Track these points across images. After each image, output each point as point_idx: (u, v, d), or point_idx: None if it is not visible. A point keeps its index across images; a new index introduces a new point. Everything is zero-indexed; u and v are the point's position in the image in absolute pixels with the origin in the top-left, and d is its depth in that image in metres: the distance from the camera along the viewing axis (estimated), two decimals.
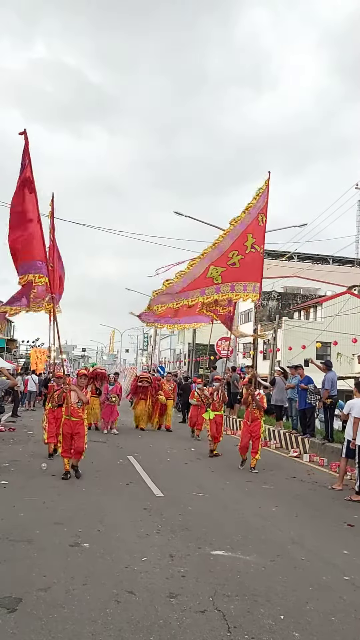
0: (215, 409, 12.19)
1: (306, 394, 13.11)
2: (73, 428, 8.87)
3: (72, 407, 8.96)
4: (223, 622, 3.97)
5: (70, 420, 8.91)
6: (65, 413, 9.06)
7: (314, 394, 13.05)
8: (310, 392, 13.11)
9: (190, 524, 6.50)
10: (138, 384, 17.67)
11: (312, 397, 13.11)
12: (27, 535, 5.78)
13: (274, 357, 28.18)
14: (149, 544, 5.69)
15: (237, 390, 18.01)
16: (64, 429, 8.97)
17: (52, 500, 7.36)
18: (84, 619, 3.91)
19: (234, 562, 5.29)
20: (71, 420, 8.91)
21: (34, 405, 24.84)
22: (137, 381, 17.83)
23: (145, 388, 17.48)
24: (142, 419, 17.36)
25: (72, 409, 8.96)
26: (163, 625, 3.87)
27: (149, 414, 17.48)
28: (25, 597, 4.24)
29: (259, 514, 7.27)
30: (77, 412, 8.99)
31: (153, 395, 17.39)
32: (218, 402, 12.34)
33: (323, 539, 6.26)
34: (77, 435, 8.85)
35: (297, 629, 3.94)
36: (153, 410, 17.50)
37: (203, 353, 45.97)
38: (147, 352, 67.55)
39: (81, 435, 8.89)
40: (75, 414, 8.97)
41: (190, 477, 9.74)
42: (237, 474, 10.20)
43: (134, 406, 17.85)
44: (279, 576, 4.96)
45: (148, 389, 17.47)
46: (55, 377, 11.08)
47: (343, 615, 4.21)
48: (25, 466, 9.84)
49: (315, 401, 13.13)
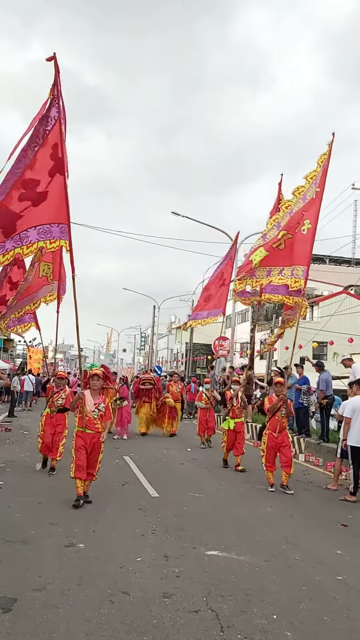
0: (235, 416, 10.60)
1: (299, 394, 13.19)
2: (88, 443, 7.26)
3: (88, 416, 7.26)
4: (216, 622, 4.00)
5: (85, 433, 7.28)
6: (79, 424, 7.32)
7: (307, 394, 13.13)
8: (303, 393, 13.18)
9: (186, 524, 6.53)
10: (140, 387, 16.47)
11: (305, 398, 13.18)
12: (23, 536, 5.80)
13: (270, 357, 28.23)
14: (143, 545, 5.72)
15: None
16: (77, 442, 7.26)
17: (48, 501, 7.39)
18: (78, 619, 3.94)
19: (229, 562, 5.33)
20: (86, 434, 7.27)
21: (30, 406, 24.87)
22: (140, 383, 16.60)
23: (149, 390, 16.29)
24: (145, 423, 16.06)
25: (87, 419, 7.25)
26: (157, 625, 3.90)
27: (154, 418, 16.17)
28: (20, 597, 4.27)
29: (254, 514, 7.31)
30: (93, 423, 7.27)
31: (157, 398, 16.21)
32: (238, 408, 10.66)
33: (317, 539, 6.30)
34: (93, 451, 7.35)
35: (290, 628, 3.97)
36: (158, 414, 16.16)
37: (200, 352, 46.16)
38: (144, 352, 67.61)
39: (97, 451, 7.40)
40: (92, 426, 7.26)
41: (186, 477, 9.77)
42: (233, 474, 10.23)
43: (136, 410, 16.38)
44: (272, 576, 5.00)
45: (152, 392, 16.29)
46: (57, 377, 9.70)
47: (335, 615, 4.24)
48: (21, 467, 9.87)
49: (308, 401, 13.20)
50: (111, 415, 7.79)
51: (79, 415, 7.32)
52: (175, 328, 60.94)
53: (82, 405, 7.27)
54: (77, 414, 7.40)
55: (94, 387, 7.39)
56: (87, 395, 7.31)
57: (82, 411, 7.26)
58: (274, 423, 8.90)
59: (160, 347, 65.43)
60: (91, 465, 7.33)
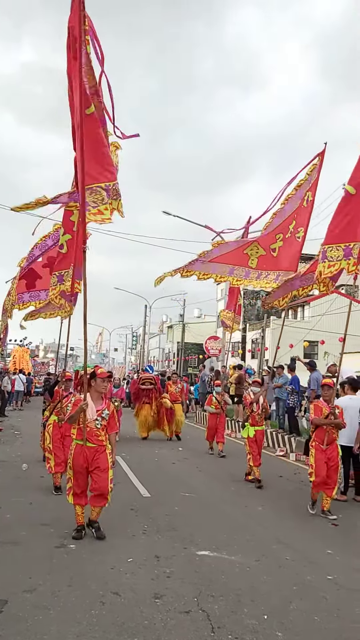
0: (255, 424, 9.37)
1: (287, 395, 13.26)
2: (90, 459, 5.87)
3: (89, 427, 5.94)
4: (207, 623, 4.01)
5: (86, 448, 5.89)
6: (78, 436, 5.97)
7: (294, 394, 13.19)
8: (289, 393, 13.24)
9: (177, 524, 6.54)
10: (140, 387, 15.19)
11: (291, 398, 13.25)
12: (14, 537, 5.79)
13: (262, 356, 28.30)
14: (135, 545, 5.72)
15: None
16: (76, 460, 5.87)
17: (39, 501, 7.37)
18: (69, 621, 3.93)
19: (219, 562, 5.34)
20: (87, 447, 5.89)
21: (21, 405, 24.80)
22: (139, 383, 15.34)
23: (149, 391, 15.04)
24: (145, 426, 14.90)
25: (88, 429, 5.92)
26: (148, 627, 3.91)
27: (155, 421, 14.94)
28: (10, 598, 4.26)
29: (245, 514, 7.33)
30: (95, 434, 5.95)
31: (157, 398, 14.95)
32: (259, 414, 9.44)
33: (308, 539, 6.33)
34: (97, 469, 5.87)
35: (281, 628, 3.99)
36: (159, 416, 14.91)
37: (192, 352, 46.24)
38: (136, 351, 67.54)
39: (103, 470, 5.88)
40: (94, 438, 5.93)
41: (177, 476, 9.78)
42: (224, 473, 10.26)
43: (136, 412, 15.22)
44: (263, 576, 5.01)
45: (152, 392, 15.04)
46: (65, 380, 8.36)
47: (325, 615, 4.26)
48: (12, 467, 9.83)
49: (295, 402, 13.27)
50: (117, 424, 6.24)
51: (77, 425, 6.01)
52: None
53: (82, 414, 5.92)
54: (74, 424, 6.11)
55: (101, 390, 6.12)
56: (88, 401, 5.96)
57: (82, 420, 5.91)
58: (321, 434, 7.39)
59: (152, 347, 65.38)
60: (99, 486, 5.88)
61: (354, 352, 19.94)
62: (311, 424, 7.66)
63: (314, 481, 7.36)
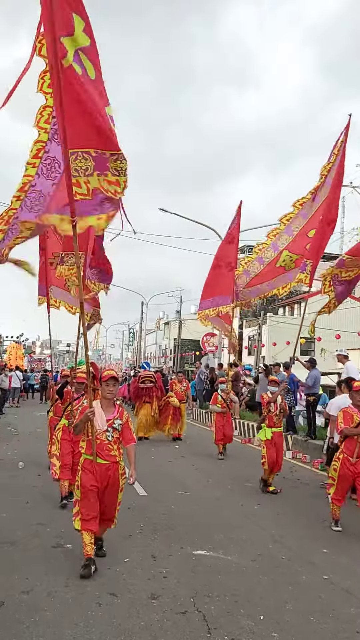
0: (272, 425, 8.68)
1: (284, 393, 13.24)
2: (102, 477, 4.96)
3: (99, 439, 5.01)
4: (203, 624, 4.02)
5: (96, 464, 4.97)
6: (87, 450, 5.07)
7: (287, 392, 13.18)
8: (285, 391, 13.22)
9: (173, 524, 6.55)
10: (140, 385, 14.54)
11: (287, 397, 13.24)
12: (10, 537, 5.79)
13: (258, 353, 28.35)
14: (131, 545, 5.73)
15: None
16: (84, 479, 4.95)
17: (35, 501, 7.37)
18: (65, 622, 3.94)
19: (216, 562, 5.35)
20: (97, 464, 4.97)
21: (18, 402, 24.78)
22: (139, 382, 14.69)
23: (150, 389, 14.41)
24: (144, 426, 14.22)
25: (98, 442, 4.99)
26: (144, 628, 3.92)
27: (155, 420, 14.34)
28: (7, 600, 4.26)
29: (242, 513, 7.35)
30: (107, 448, 5.01)
31: (158, 397, 14.41)
32: (276, 415, 8.77)
33: (304, 538, 6.34)
34: (109, 491, 5.02)
35: (276, 629, 4.00)
36: (161, 415, 14.32)
37: (189, 349, 46.21)
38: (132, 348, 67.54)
39: (114, 491, 5.07)
40: (105, 453, 4.99)
41: (173, 475, 9.79)
42: (220, 471, 10.28)
43: (135, 412, 14.57)
44: (259, 576, 5.03)
45: (152, 390, 14.43)
46: (76, 381, 7.30)
47: (321, 615, 4.28)
48: (8, 465, 9.83)
49: (291, 401, 13.27)
50: (133, 436, 5.25)
51: (86, 438, 5.12)
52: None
53: (90, 425, 5.02)
54: (83, 435, 5.20)
55: (109, 395, 5.15)
56: (96, 409, 5.02)
57: (91, 431, 5.00)
58: (351, 445, 6.52)
59: (149, 343, 65.35)
60: (107, 509, 5.11)
61: (357, 349, 20.09)
62: (339, 434, 6.78)
63: (332, 496, 6.71)
